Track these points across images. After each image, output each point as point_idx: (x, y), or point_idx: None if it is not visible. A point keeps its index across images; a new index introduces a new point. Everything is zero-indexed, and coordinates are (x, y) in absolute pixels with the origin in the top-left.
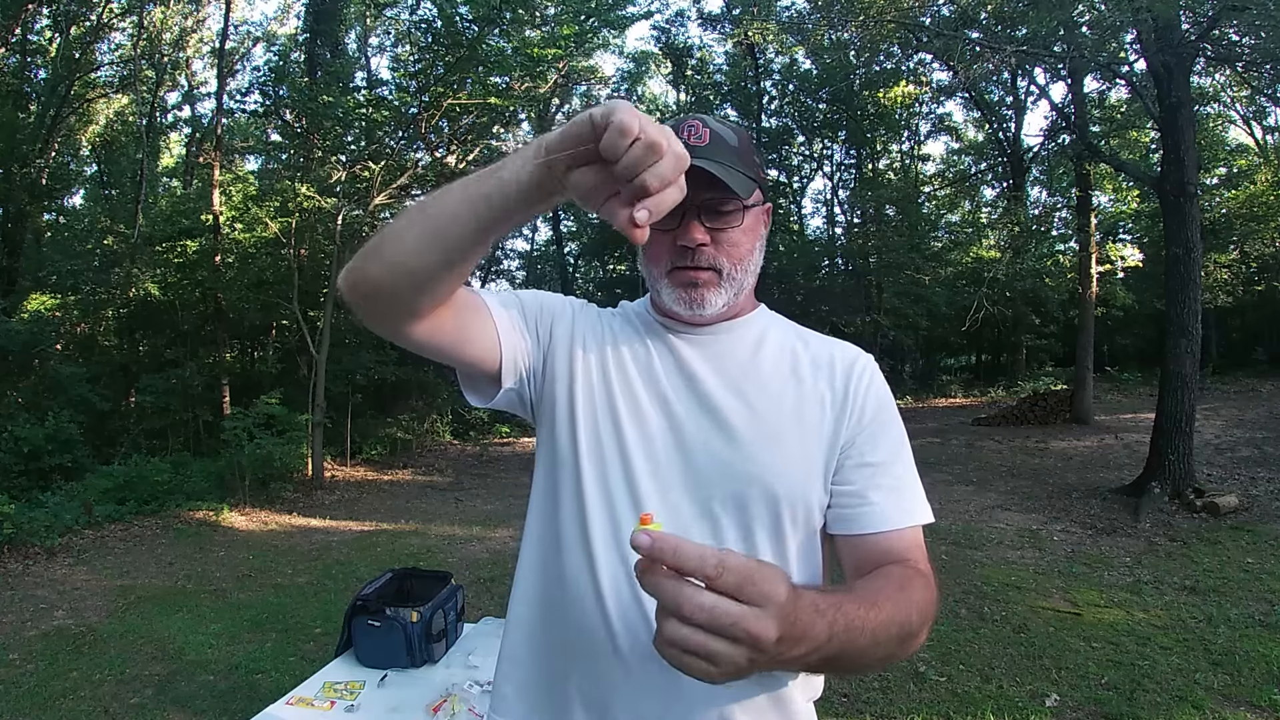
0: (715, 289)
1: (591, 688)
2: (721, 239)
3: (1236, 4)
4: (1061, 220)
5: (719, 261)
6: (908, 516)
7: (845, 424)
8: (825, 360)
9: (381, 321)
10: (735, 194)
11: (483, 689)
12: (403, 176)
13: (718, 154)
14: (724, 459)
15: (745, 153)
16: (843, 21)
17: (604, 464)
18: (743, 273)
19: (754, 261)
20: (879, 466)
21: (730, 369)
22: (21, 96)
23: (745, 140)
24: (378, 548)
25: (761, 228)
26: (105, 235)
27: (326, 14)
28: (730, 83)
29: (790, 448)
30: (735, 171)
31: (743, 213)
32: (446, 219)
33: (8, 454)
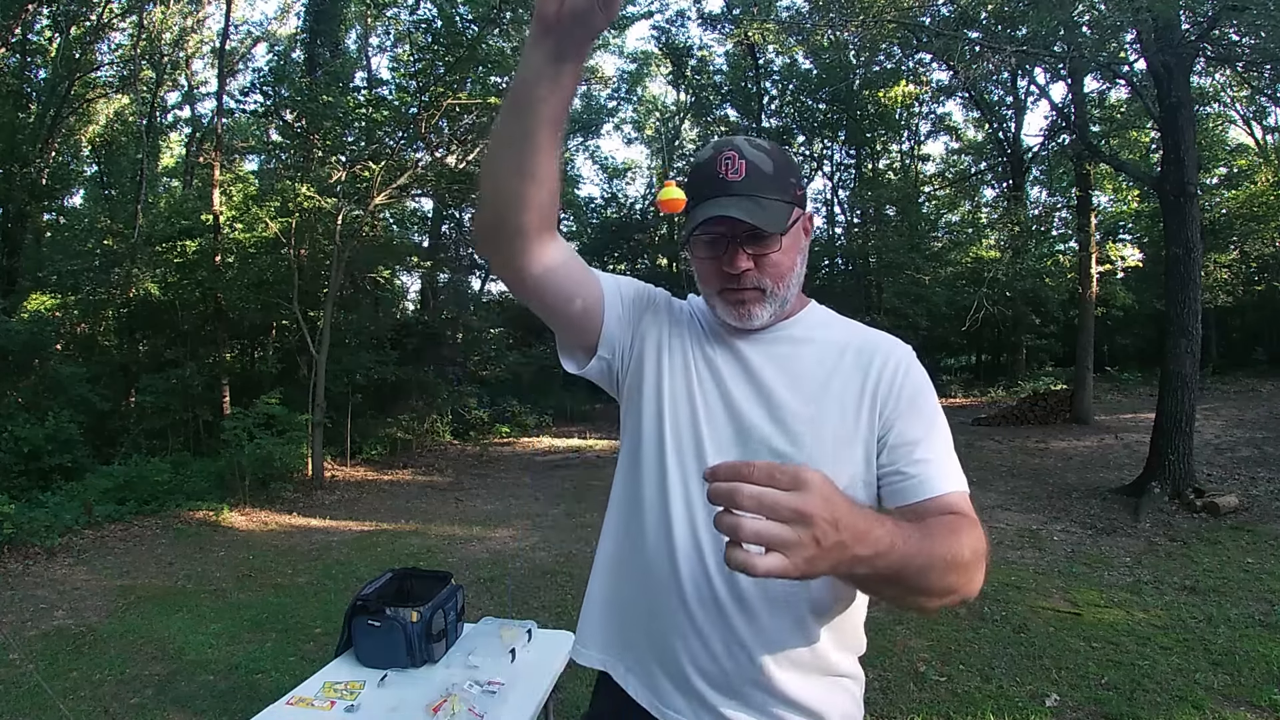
0: (761, 304)
1: (659, 634)
2: (763, 263)
3: (1236, 4)
4: (1061, 220)
5: (762, 282)
6: (947, 483)
7: (885, 409)
8: (868, 353)
9: (500, 252)
10: (769, 231)
11: (483, 689)
12: (403, 176)
13: (753, 187)
14: (783, 454)
15: (782, 174)
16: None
17: (681, 448)
18: (785, 287)
19: (796, 274)
20: (915, 444)
21: (788, 368)
22: (21, 96)
23: (781, 160)
24: (378, 548)
25: (803, 238)
26: (105, 235)
27: (326, 14)
28: (730, 83)
29: (841, 441)
30: (771, 202)
31: (780, 237)
32: (505, 136)
33: (8, 454)
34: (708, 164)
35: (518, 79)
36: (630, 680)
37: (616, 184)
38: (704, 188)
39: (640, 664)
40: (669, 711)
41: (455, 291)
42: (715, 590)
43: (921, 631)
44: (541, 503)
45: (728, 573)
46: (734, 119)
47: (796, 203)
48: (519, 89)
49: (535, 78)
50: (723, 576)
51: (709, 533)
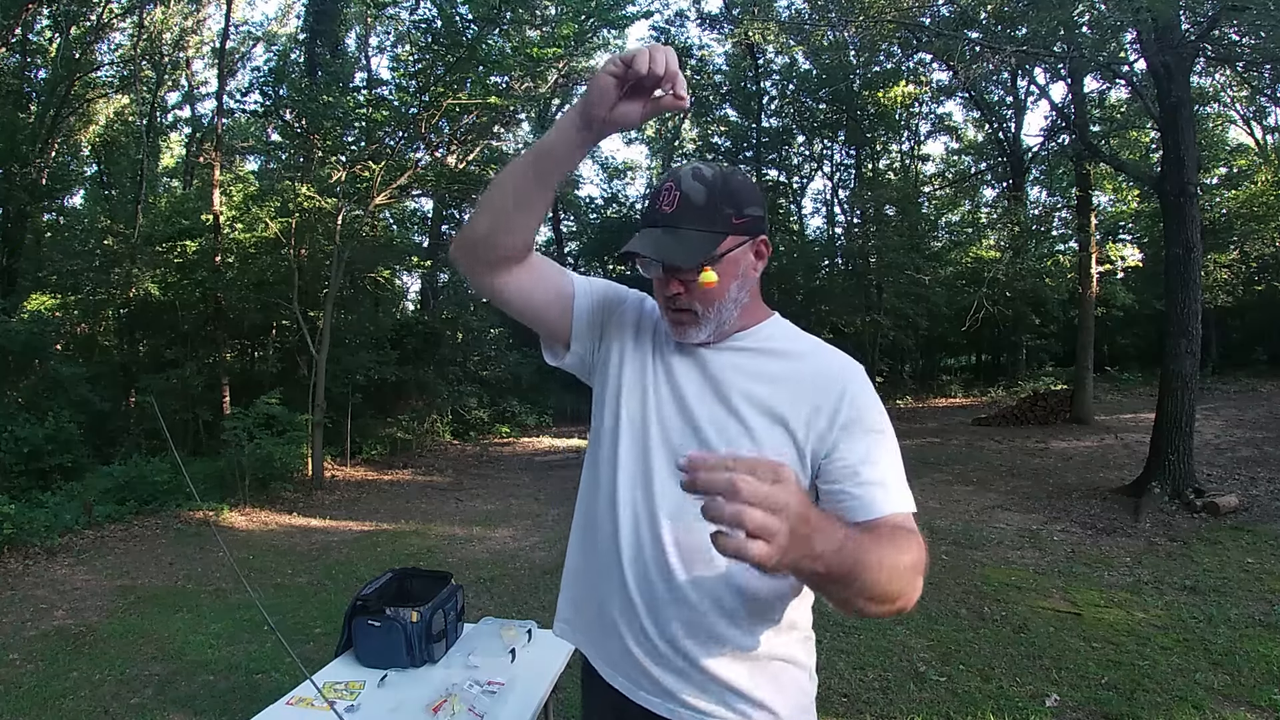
0: (695, 325)
1: (607, 607)
2: (692, 288)
3: (1236, 4)
4: (1061, 220)
5: (693, 305)
6: (891, 504)
7: (830, 429)
8: (820, 370)
9: (479, 269)
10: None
11: (483, 689)
12: (403, 176)
13: (679, 219)
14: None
15: (715, 204)
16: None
17: (633, 438)
18: (716, 311)
19: (731, 298)
20: (861, 465)
21: (742, 373)
22: (21, 96)
23: (720, 190)
24: (378, 548)
25: (743, 263)
26: (105, 235)
27: (326, 14)
28: (730, 83)
29: (777, 450)
30: (691, 234)
31: (700, 267)
32: (518, 185)
33: (8, 454)
34: (653, 194)
35: (545, 146)
36: (589, 650)
37: (616, 184)
38: (644, 217)
39: (590, 633)
40: (634, 689)
41: (455, 291)
42: (648, 570)
43: (921, 631)
44: (541, 503)
45: (660, 554)
46: (734, 119)
47: (733, 230)
48: (545, 155)
49: (565, 152)
50: (655, 558)
51: (647, 518)
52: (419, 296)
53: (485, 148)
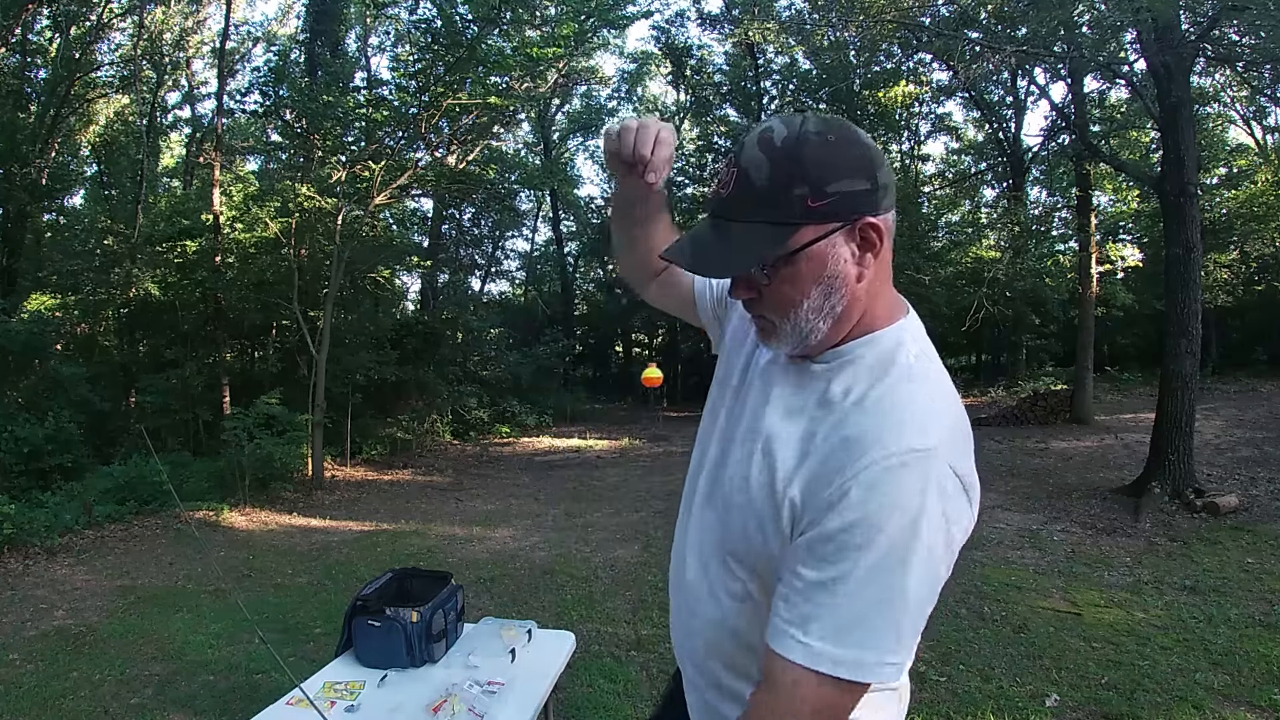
0: (774, 336)
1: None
2: (765, 293)
3: (1236, 4)
4: (1061, 220)
5: (768, 314)
6: (793, 651)
7: (804, 518)
8: (845, 435)
9: (635, 290)
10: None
11: (483, 689)
12: (403, 176)
13: (732, 209)
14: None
15: (781, 183)
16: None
17: (701, 437)
18: (794, 322)
19: (811, 307)
20: (810, 585)
21: (786, 395)
22: (21, 96)
23: (786, 159)
24: (378, 548)
25: (825, 264)
26: (105, 235)
27: (326, 14)
28: (730, 83)
29: (761, 506)
30: (747, 227)
31: (772, 269)
32: (614, 222)
33: (8, 454)
34: (716, 174)
35: (616, 193)
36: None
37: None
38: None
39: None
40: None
41: (455, 291)
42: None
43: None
44: (541, 503)
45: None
46: (734, 119)
47: (809, 218)
48: (618, 200)
49: (628, 192)
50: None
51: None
52: (419, 296)
53: (485, 148)
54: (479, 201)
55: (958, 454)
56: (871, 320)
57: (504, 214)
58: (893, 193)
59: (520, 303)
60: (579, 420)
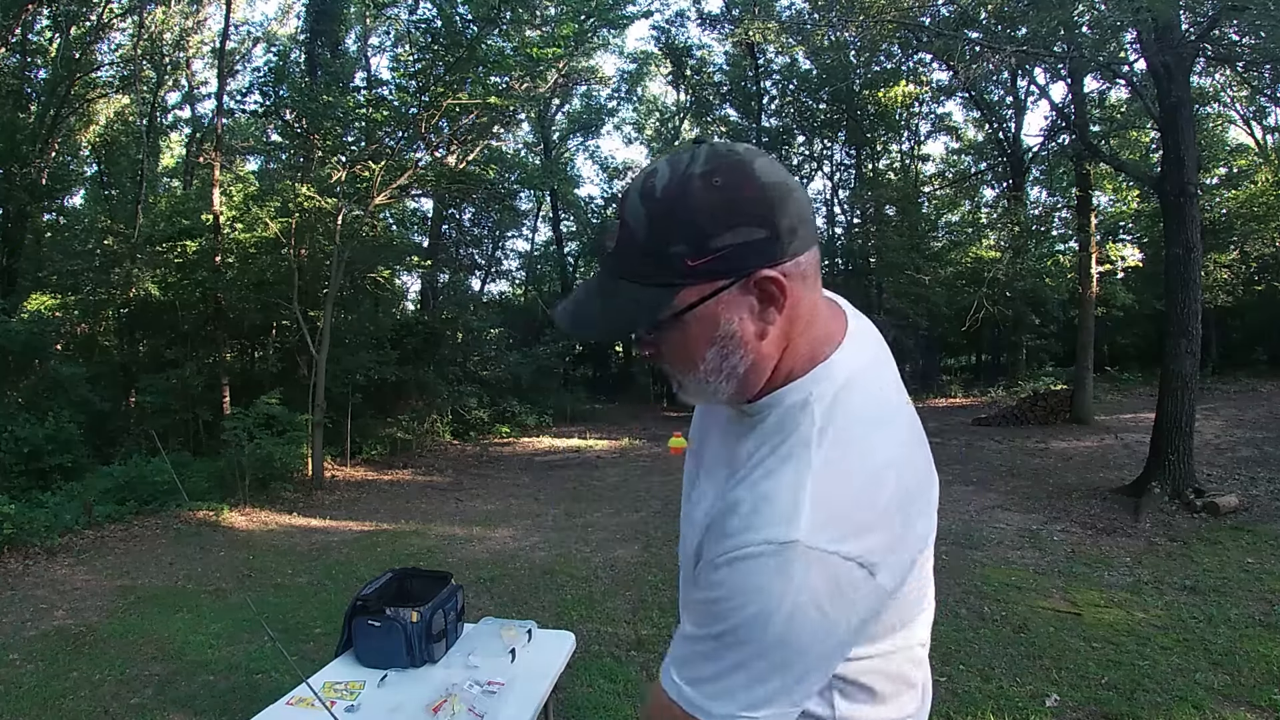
0: (682, 390)
1: None
2: (662, 349)
3: (1236, 4)
4: (1061, 220)
5: (668, 370)
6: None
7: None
8: (729, 506)
9: None
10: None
11: (483, 689)
12: (403, 176)
13: (619, 265)
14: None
15: (659, 241)
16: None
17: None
18: (696, 379)
19: (704, 369)
20: (684, 634)
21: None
22: (21, 96)
23: (665, 214)
24: (378, 548)
25: (716, 324)
26: (105, 235)
27: (326, 14)
28: (730, 83)
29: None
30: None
31: (663, 330)
32: None
33: (8, 454)
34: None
35: None
36: None
37: (617, 184)
38: None
39: None
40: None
41: (455, 291)
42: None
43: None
44: (541, 503)
45: None
46: (734, 119)
47: (691, 278)
48: None
49: None
50: None
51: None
52: (419, 296)
53: (485, 148)
54: (479, 201)
55: (846, 536)
56: (788, 373)
57: (504, 214)
58: (804, 231)
59: (520, 303)
60: (579, 420)
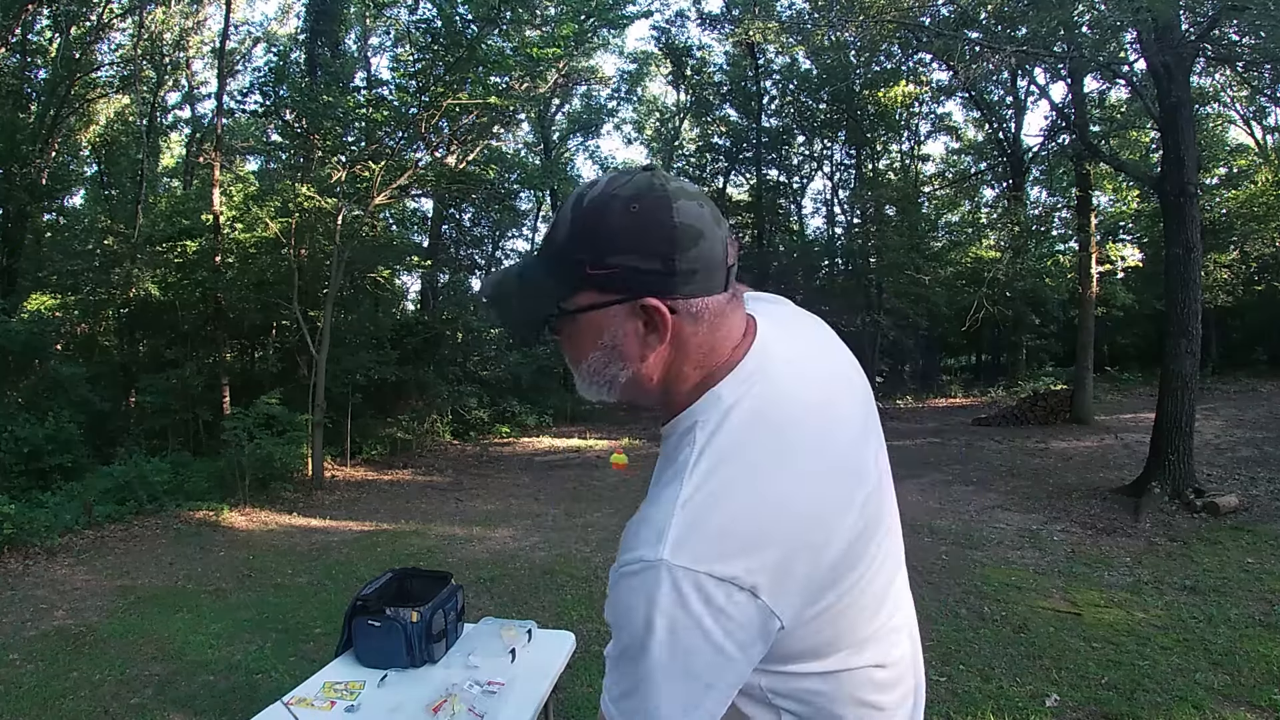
0: (576, 381)
1: None
2: (561, 342)
3: (1236, 4)
4: (1061, 220)
5: (567, 360)
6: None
7: None
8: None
9: None
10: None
11: (483, 689)
12: (403, 176)
13: (541, 254)
14: None
15: (571, 244)
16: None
17: None
18: (581, 375)
19: (588, 369)
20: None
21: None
22: (21, 96)
23: (581, 222)
24: (378, 548)
25: (602, 331)
26: (105, 235)
27: (326, 14)
28: (730, 83)
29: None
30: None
31: (555, 322)
32: None
33: (8, 454)
34: None
35: None
36: None
37: None
38: None
39: None
40: None
41: (455, 291)
42: None
43: (921, 631)
44: (541, 503)
45: None
46: (734, 119)
47: (585, 283)
48: None
49: None
50: None
51: None
52: (419, 296)
53: (485, 148)
54: (479, 201)
55: (718, 557)
56: (686, 398)
57: (504, 214)
58: (706, 276)
59: None
60: (579, 420)
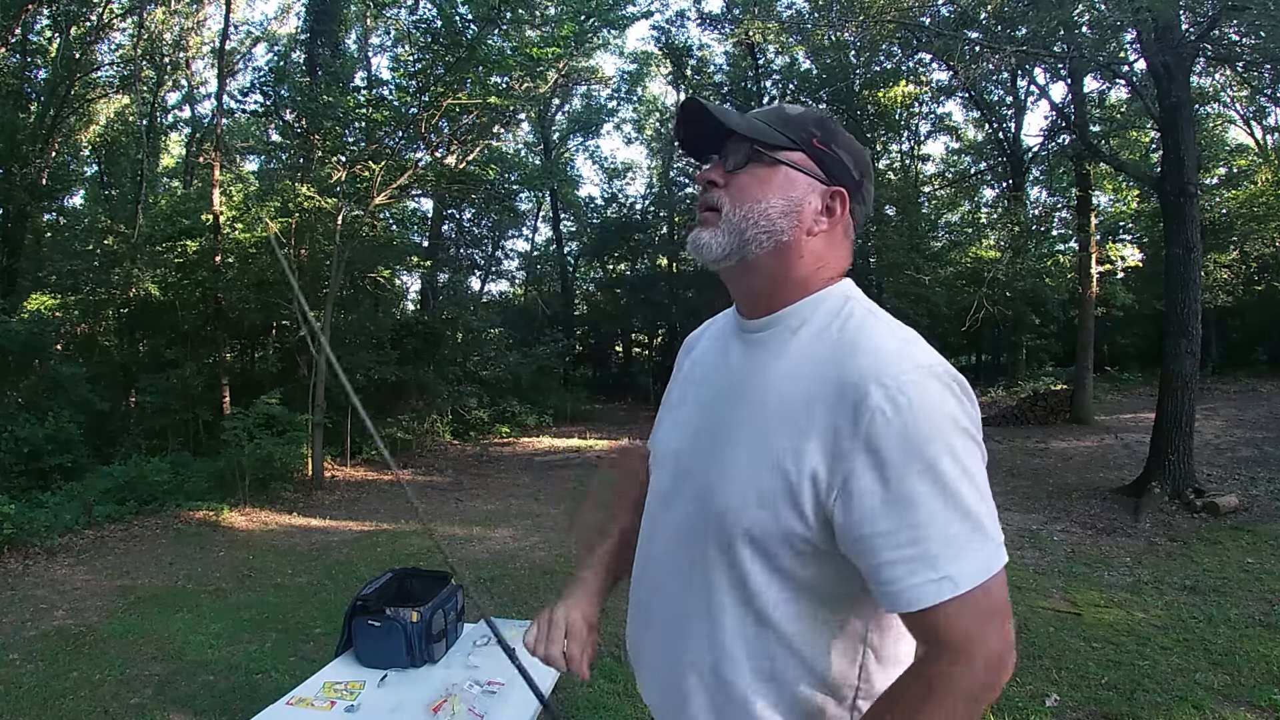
0: (712, 228)
1: (635, 636)
2: (733, 182)
3: (1236, 4)
4: (1061, 220)
5: (721, 201)
6: (924, 593)
7: (829, 470)
8: (837, 385)
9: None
10: (726, 126)
11: (483, 689)
12: (403, 176)
13: (762, 114)
14: (695, 466)
15: (800, 123)
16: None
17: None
18: (743, 217)
19: (762, 210)
20: (884, 535)
21: (746, 374)
22: (21, 96)
23: (810, 115)
24: (378, 548)
25: (795, 188)
26: (105, 235)
27: (326, 14)
28: (730, 83)
29: (746, 472)
30: (757, 123)
31: (759, 162)
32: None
33: (8, 454)
34: None
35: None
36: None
37: (616, 184)
38: None
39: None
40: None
41: (455, 291)
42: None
43: None
44: (541, 503)
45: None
46: None
47: (806, 149)
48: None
49: None
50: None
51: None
52: (419, 296)
53: (485, 148)
54: (479, 201)
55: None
56: (816, 284)
57: (504, 214)
58: (867, 205)
59: (520, 303)
60: (579, 420)
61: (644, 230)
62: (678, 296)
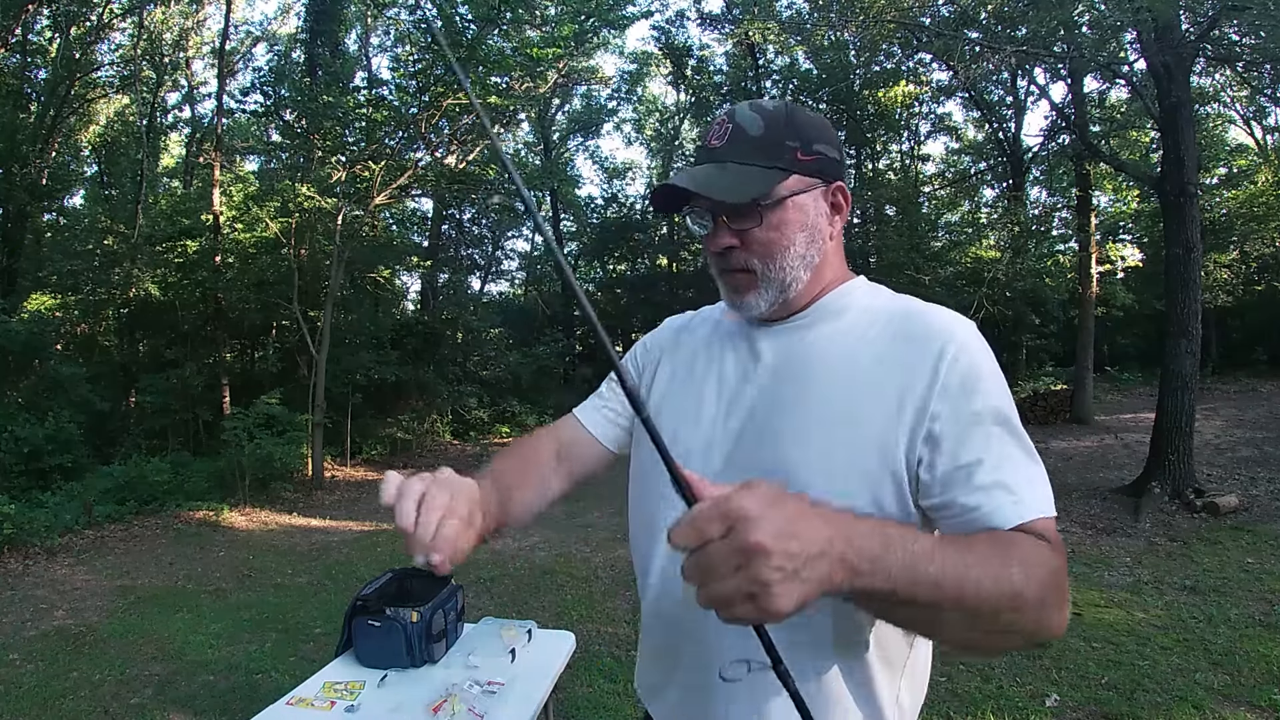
0: (755, 290)
1: (659, 656)
2: (748, 239)
3: (1236, 4)
4: (1061, 220)
5: (750, 262)
6: (1021, 509)
7: (925, 421)
8: (906, 343)
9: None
10: (727, 201)
11: (483, 689)
12: (403, 176)
13: (729, 153)
14: (758, 459)
15: (773, 136)
16: (843, 21)
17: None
18: (779, 269)
19: (794, 253)
20: (975, 465)
21: (793, 362)
22: (21, 96)
23: (780, 120)
24: (378, 548)
25: (812, 212)
26: (105, 235)
27: (326, 14)
28: (730, 83)
29: (826, 447)
30: (742, 168)
31: (763, 211)
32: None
33: (8, 454)
34: (703, 132)
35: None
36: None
37: (616, 184)
38: (695, 157)
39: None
40: None
41: (455, 291)
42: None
43: None
44: None
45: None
46: None
47: (799, 169)
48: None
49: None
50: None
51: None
52: (419, 296)
53: (485, 148)
54: (479, 201)
55: None
56: (840, 279)
57: (504, 214)
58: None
59: (520, 303)
60: None
61: (644, 230)
62: (678, 296)
